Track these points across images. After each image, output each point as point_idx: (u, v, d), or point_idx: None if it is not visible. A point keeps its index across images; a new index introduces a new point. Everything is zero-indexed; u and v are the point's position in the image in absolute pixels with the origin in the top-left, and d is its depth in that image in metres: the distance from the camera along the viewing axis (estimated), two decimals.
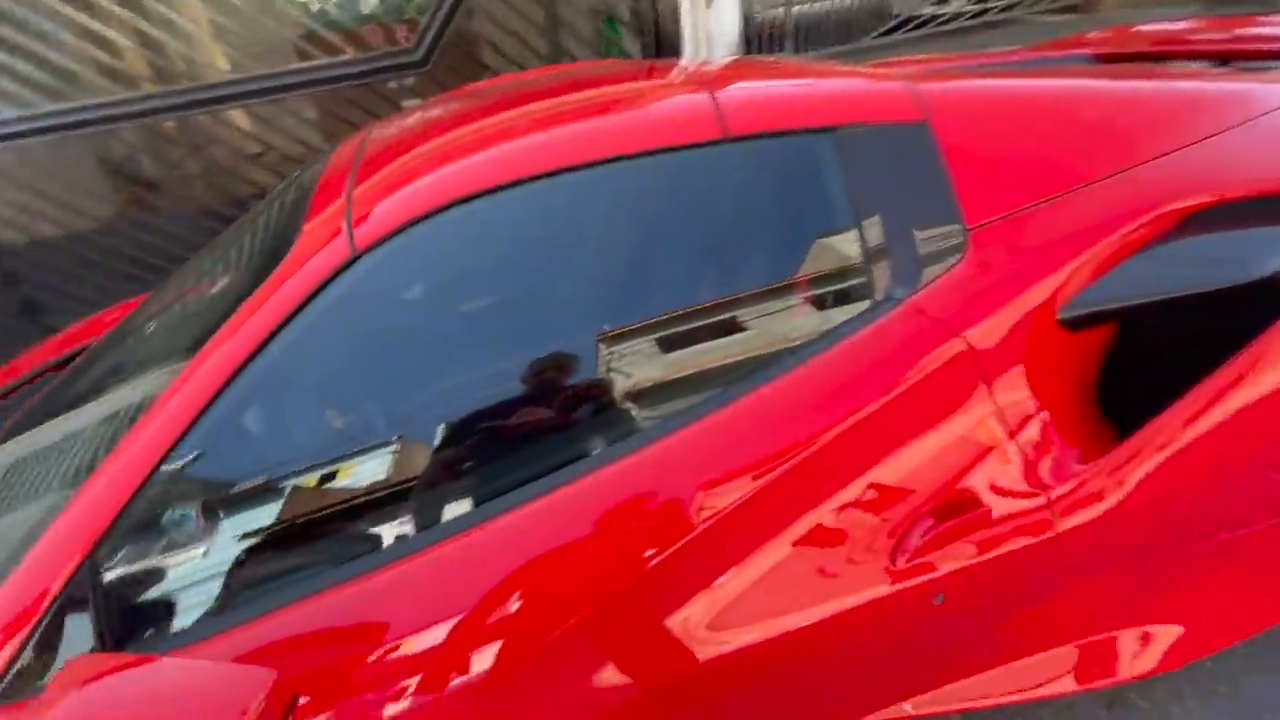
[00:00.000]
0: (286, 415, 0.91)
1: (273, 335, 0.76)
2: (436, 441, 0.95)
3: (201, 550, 0.84)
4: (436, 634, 0.79)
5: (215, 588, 0.83)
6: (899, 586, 0.85)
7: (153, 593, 0.79)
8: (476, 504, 0.88)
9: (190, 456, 0.81)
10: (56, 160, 2.53)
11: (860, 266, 0.97)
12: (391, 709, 0.77)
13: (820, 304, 1.03)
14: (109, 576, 0.75)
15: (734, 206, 1.07)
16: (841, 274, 1.01)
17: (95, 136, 2.55)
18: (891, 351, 0.87)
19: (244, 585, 0.85)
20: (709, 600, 0.83)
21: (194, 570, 0.83)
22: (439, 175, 0.87)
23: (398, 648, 0.78)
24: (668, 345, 1.03)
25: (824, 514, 0.84)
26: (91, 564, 0.73)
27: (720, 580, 0.83)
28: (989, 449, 0.85)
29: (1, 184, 2.48)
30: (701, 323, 1.05)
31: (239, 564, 0.86)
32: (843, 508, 0.84)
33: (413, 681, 0.78)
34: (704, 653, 0.83)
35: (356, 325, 0.87)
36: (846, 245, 0.99)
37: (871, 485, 0.85)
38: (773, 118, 0.96)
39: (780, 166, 1.01)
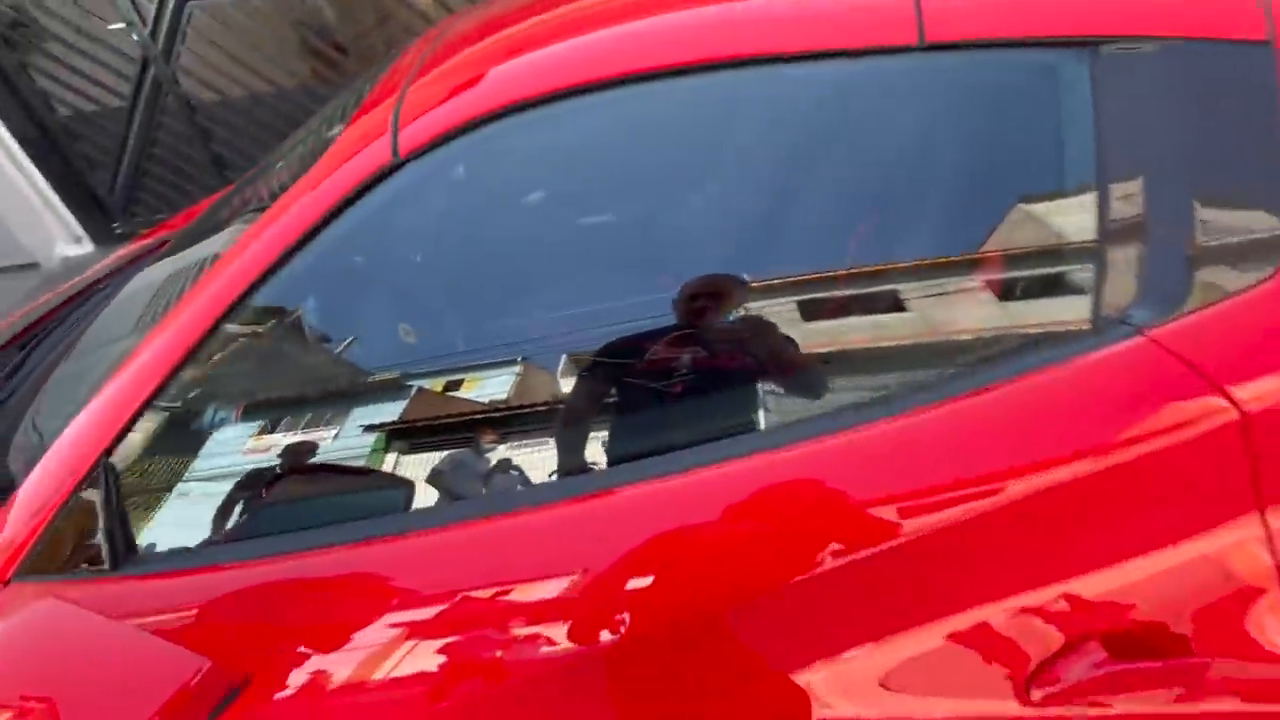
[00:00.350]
0: (328, 327, 0.82)
1: (296, 247, 0.64)
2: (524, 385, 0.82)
3: (232, 459, 0.80)
4: (487, 613, 0.67)
5: (242, 505, 0.78)
6: (1031, 714, 0.61)
7: (171, 499, 0.75)
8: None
9: (222, 357, 0.74)
10: (250, 24, 2.64)
11: (1089, 255, 0.66)
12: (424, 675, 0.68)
13: (1008, 294, 0.74)
14: (125, 476, 0.71)
15: (917, 141, 0.77)
16: (1056, 259, 0.71)
17: (286, 4, 2.62)
18: (1112, 400, 0.58)
19: (276, 508, 0.80)
20: (821, 650, 0.64)
21: (222, 482, 0.79)
22: (515, 67, 0.68)
23: (444, 617, 0.67)
24: (800, 314, 0.80)
25: (963, 596, 0.61)
26: (107, 460, 0.69)
27: (836, 632, 0.63)
28: (1238, 583, 0.55)
29: (201, 45, 2.65)
30: (843, 292, 0.80)
31: (274, 482, 0.81)
32: (990, 595, 0.60)
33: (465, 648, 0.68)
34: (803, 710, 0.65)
35: (403, 240, 0.74)
36: (1073, 219, 0.68)
37: (1035, 579, 0.59)
38: (996, 20, 0.65)
39: (994, 92, 0.69)
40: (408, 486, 0.83)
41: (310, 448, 0.82)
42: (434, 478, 0.81)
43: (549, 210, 0.79)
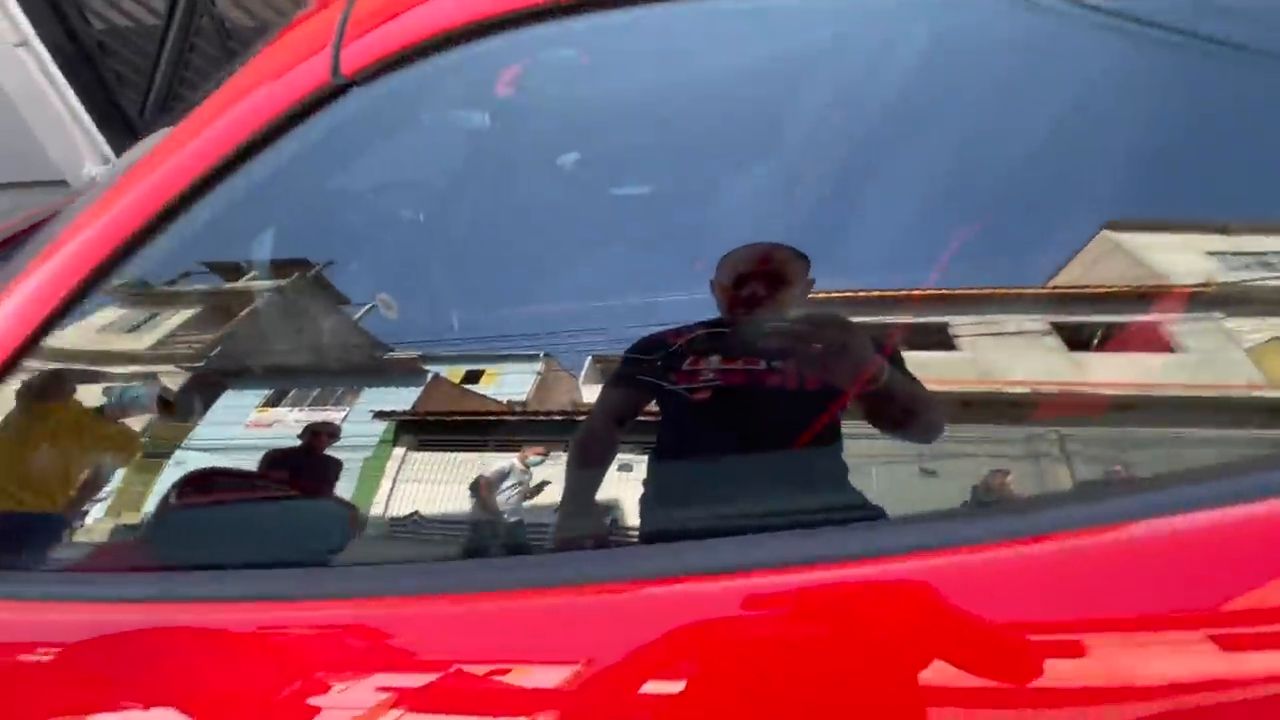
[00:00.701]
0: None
1: (202, 181, 0.46)
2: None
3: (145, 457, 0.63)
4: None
5: (145, 520, 0.61)
6: None
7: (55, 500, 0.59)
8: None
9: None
10: None
11: None
12: None
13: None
14: None
15: (1089, 114, 0.52)
16: None
17: None
18: None
19: (178, 525, 0.63)
20: None
21: (126, 486, 0.62)
22: None
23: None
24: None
25: None
26: None
27: None
28: None
29: None
30: (953, 318, 0.56)
31: (184, 489, 0.64)
32: None
33: None
34: None
35: (346, 185, 0.55)
36: None
37: None
38: None
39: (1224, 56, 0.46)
40: (350, 509, 0.66)
41: (332, 430, 0.66)
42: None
43: (552, 165, 0.58)
